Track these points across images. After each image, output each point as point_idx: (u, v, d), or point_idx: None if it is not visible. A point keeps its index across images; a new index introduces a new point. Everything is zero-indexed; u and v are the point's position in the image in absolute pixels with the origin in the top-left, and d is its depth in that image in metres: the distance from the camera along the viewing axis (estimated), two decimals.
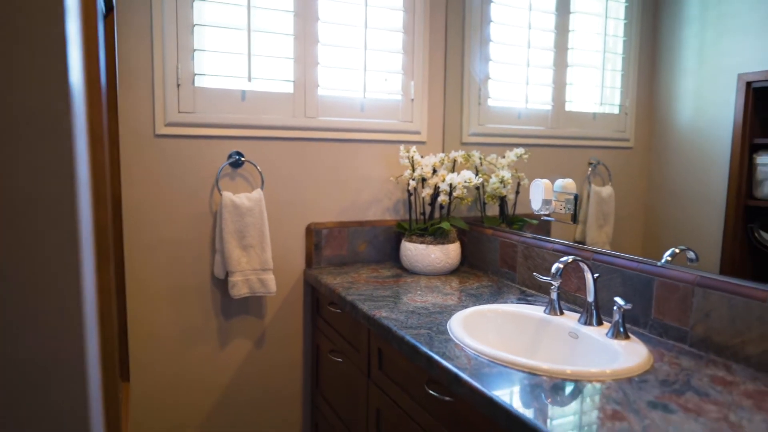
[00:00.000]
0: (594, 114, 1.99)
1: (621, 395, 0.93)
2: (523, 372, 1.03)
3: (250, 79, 1.74)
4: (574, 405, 0.90)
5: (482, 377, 0.99)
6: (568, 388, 0.97)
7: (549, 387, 0.97)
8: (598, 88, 1.97)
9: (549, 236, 1.68)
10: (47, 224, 0.57)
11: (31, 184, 0.56)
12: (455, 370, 1.03)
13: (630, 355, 1.09)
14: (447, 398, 1.10)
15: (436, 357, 1.09)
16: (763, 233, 1.39)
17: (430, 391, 1.14)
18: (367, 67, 1.92)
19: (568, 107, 2.04)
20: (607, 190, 1.86)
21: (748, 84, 1.45)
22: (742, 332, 1.08)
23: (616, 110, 1.92)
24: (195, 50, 1.67)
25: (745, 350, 1.07)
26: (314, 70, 1.84)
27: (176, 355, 1.74)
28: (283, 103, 1.82)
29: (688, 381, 1.00)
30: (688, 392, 0.95)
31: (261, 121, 1.78)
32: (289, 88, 1.82)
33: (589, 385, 0.97)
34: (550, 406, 0.90)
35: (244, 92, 1.75)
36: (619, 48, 1.88)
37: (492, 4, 2.01)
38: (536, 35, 2.01)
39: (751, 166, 1.43)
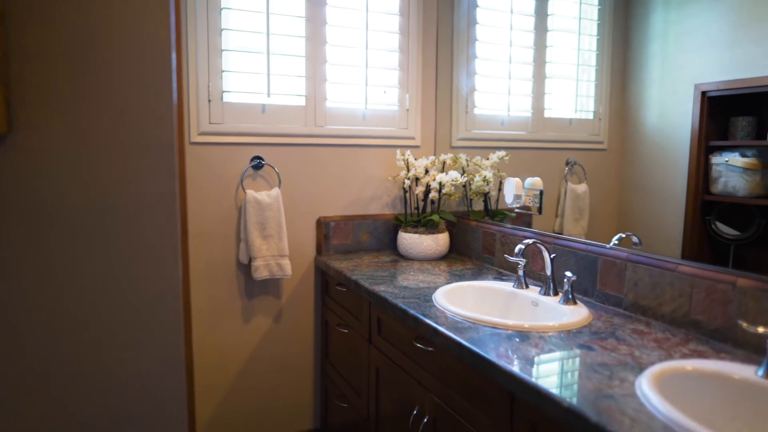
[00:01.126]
0: (570, 120, 2.29)
1: (559, 340, 1.24)
2: (488, 327, 1.33)
3: (269, 95, 2.05)
4: (522, 346, 1.21)
5: (455, 330, 1.30)
6: (521, 337, 1.27)
7: (505, 336, 1.27)
8: (573, 96, 2.26)
9: (530, 228, 1.97)
10: (162, 216, 0.89)
11: (155, 184, 0.87)
12: (435, 325, 1.34)
13: (574, 315, 1.40)
14: (429, 348, 1.40)
15: (421, 317, 1.40)
16: (718, 224, 1.66)
17: (417, 344, 1.45)
18: (368, 82, 2.24)
19: (546, 114, 2.34)
20: (582, 188, 2.16)
21: (704, 93, 1.72)
22: (659, 296, 1.38)
23: (590, 116, 2.22)
24: (223, 71, 1.98)
25: (661, 309, 1.37)
26: (323, 86, 2.15)
27: (209, 328, 2.06)
28: (297, 114, 2.13)
29: (614, 332, 1.30)
30: (610, 338, 1.25)
31: (278, 130, 2.09)
32: (301, 102, 2.14)
33: (536, 335, 1.28)
34: (502, 347, 1.20)
35: (264, 106, 2.07)
36: (593, 61, 2.18)
37: (477, 25, 2.31)
38: (517, 51, 2.30)
39: (707, 166, 1.69)
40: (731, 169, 1.62)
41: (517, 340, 1.24)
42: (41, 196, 0.86)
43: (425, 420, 1.43)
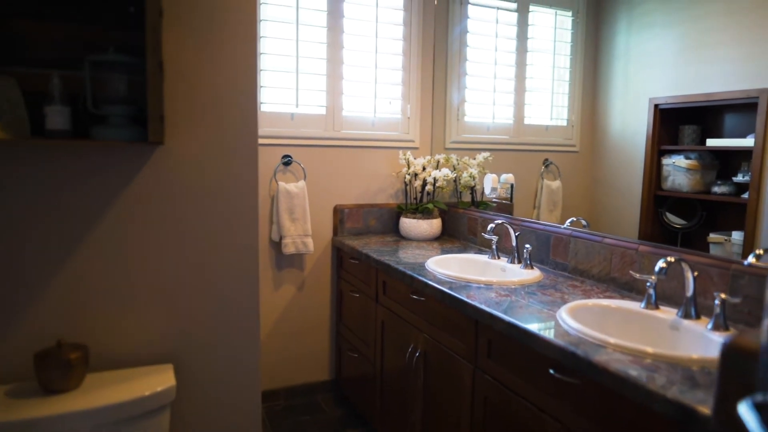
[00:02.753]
0: (546, 126, 2.76)
1: (513, 290, 1.73)
2: (464, 282, 1.82)
3: (297, 106, 2.55)
4: (486, 293, 1.70)
5: (440, 283, 1.79)
6: (487, 288, 1.76)
7: (476, 287, 1.76)
8: (549, 107, 2.74)
9: (510, 215, 2.44)
10: (248, 192, 1.38)
11: (244, 183, 1.37)
12: (426, 280, 1.83)
13: (529, 275, 1.89)
14: (422, 298, 1.90)
15: (416, 275, 1.90)
16: (668, 214, 2.11)
17: (413, 296, 1.95)
18: (376, 95, 2.73)
19: (526, 121, 2.82)
20: (556, 184, 2.63)
21: (656, 106, 2.13)
22: (591, 261, 1.87)
23: (564, 123, 2.69)
24: (262, 87, 2.48)
25: (592, 271, 1.86)
26: (340, 98, 2.65)
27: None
28: (319, 121, 2.63)
29: (555, 285, 1.79)
30: (550, 289, 1.74)
31: (303, 134, 2.59)
32: (322, 111, 2.63)
33: (499, 287, 1.77)
34: (472, 292, 1.69)
35: (293, 114, 2.57)
36: (566, 77, 2.65)
37: (467, 48, 2.79)
38: (501, 69, 2.78)
39: (659, 166, 2.13)
40: (677, 169, 2.03)
41: (484, 289, 1.74)
42: (181, 179, 1.33)
43: (417, 353, 1.93)
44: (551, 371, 1.29)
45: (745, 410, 0.57)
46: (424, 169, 2.69)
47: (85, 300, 1.28)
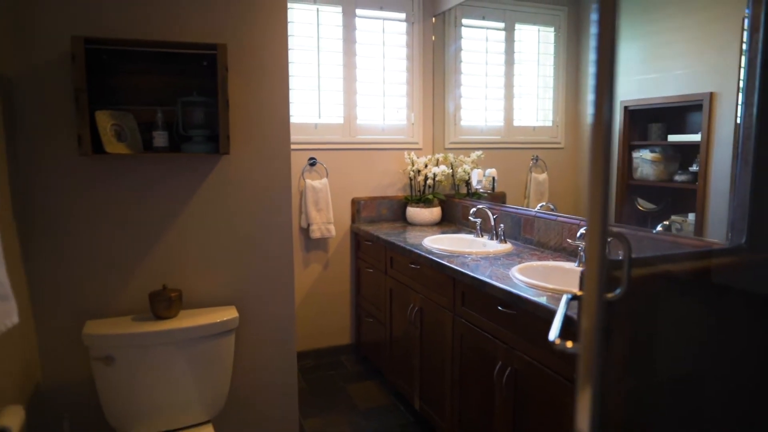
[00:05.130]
0: (534, 127, 3.25)
1: (486, 258, 2.26)
2: (448, 253, 2.36)
3: (319, 117, 3.13)
4: (464, 260, 2.23)
5: (431, 254, 2.33)
6: (467, 257, 2.29)
7: (457, 256, 2.30)
8: (536, 109, 3.23)
9: (505, 204, 2.94)
10: (284, 188, 1.96)
11: (281, 179, 1.95)
12: (420, 252, 2.38)
13: (502, 247, 2.41)
14: (418, 267, 2.45)
15: (414, 249, 2.44)
16: (640, 200, 2.58)
17: (411, 266, 2.49)
18: (385, 106, 3.28)
19: (515, 123, 3.31)
20: (543, 176, 3.12)
21: (626, 107, 2.61)
22: (549, 235, 2.38)
23: (550, 124, 3.18)
24: (291, 103, 3.06)
25: (549, 243, 2.37)
26: (355, 110, 3.21)
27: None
28: (337, 129, 3.20)
29: (519, 254, 2.31)
30: (515, 257, 2.27)
31: (325, 140, 3.16)
32: (341, 120, 3.20)
33: (476, 256, 2.30)
34: (454, 259, 2.22)
35: (316, 124, 3.14)
36: (551, 83, 3.13)
37: (462, 63, 3.31)
38: (491, 79, 3.27)
39: (630, 159, 2.61)
40: (644, 162, 2.46)
41: (464, 257, 2.28)
42: (239, 177, 1.90)
43: (415, 309, 2.47)
44: (499, 307, 1.83)
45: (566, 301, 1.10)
46: (426, 166, 3.23)
47: (179, 259, 1.87)
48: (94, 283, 1.79)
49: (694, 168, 2.16)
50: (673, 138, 2.29)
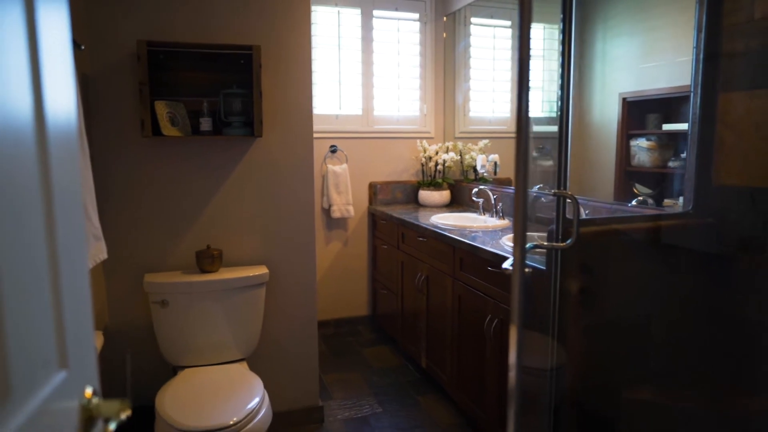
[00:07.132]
0: (539, 117, 3.52)
1: (485, 232, 2.56)
2: (450, 227, 2.67)
3: (340, 108, 3.47)
4: (464, 232, 2.53)
5: (435, 227, 2.65)
6: (468, 230, 2.60)
7: (459, 228, 2.61)
8: (541, 101, 3.49)
9: (508, 186, 3.24)
10: (308, 167, 2.31)
11: (305, 161, 2.30)
12: (426, 226, 2.70)
13: (500, 223, 2.71)
14: (424, 239, 2.77)
15: (421, 224, 2.76)
16: (637, 185, 2.85)
17: (419, 239, 2.82)
18: (400, 98, 3.61)
19: None
20: (548, 163, 3.40)
21: (624, 99, 2.87)
22: (536, 209, 2.67)
23: (554, 114, 3.44)
24: (314, 96, 3.41)
25: (543, 219, 2.66)
26: (372, 102, 3.55)
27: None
28: (357, 120, 3.54)
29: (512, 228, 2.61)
30: (508, 231, 2.56)
31: (346, 129, 3.51)
32: (359, 111, 3.54)
33: (475, 229, 2.61)
34: (455, 232, 2.54)
35: (337, 115, 3.49)
36: (555, 77, 3.39)
37: (470, 58, 3.60)
38: (498, 73, 3.55)
39: (628, 147, 2.87)
40: (641, 149, 2.72)
41: (465, 231, 2.59)
42: (270, 157, 2.26)
43: (422, 277, 2.80)
44: (489, 268, 2.14)
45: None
46: (437, 153, 3.54)
47: (221, 223, 2.24)
48: (152, 242, 2.18)
49: (685, 155, 2.41)
50: (667, 127, 2.53)
